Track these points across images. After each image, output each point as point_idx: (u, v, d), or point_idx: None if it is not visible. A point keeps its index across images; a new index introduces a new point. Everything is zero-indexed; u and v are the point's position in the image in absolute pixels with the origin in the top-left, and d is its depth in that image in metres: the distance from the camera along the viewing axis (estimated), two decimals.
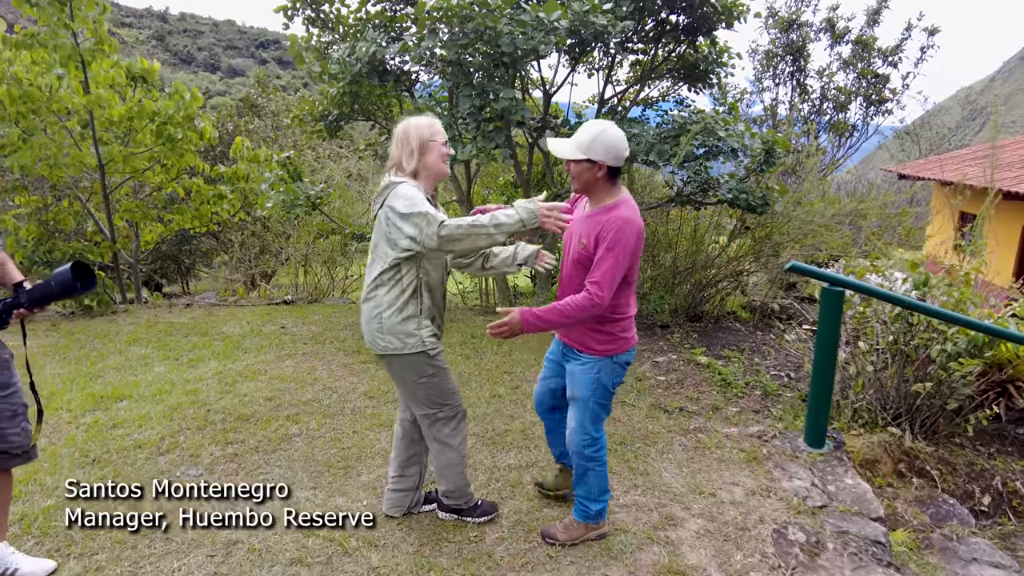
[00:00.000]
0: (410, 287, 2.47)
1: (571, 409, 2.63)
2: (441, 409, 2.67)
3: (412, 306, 2.48)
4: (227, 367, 5.11)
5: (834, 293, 3.19)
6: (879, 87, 11.11)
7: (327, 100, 6.18)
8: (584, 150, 2.35)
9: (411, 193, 2.37)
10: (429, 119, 2.52)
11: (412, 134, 2.47)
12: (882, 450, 3.60)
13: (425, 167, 2.48)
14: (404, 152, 2.47)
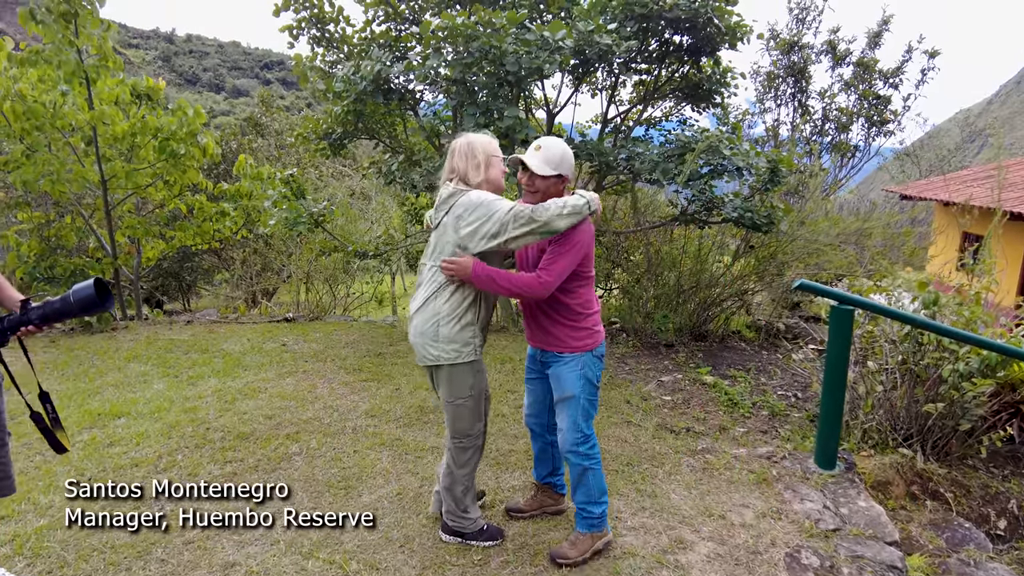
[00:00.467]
0: (470, 295, 2.54)
1: (561, 411, 2.69)
2: (463, 440, 2.71)
3: (471, 314, 2.55)
4: (227, 385, 5.05)
5: (844, 312, 3.15)
6: (881, 108, 11.17)
7: (331, 119, 6.19)
8: (555, 166, 2.54)
9: (487, 196, 2.45)
10: (489, 136, 2.60)
11: (478, 148, 2.53)
12: (894, 471, 3.52)
13: (488, 180, 2.54)
14: (470, 165, 2.52)
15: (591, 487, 2.71)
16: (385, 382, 5.07)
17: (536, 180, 2.57)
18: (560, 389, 2.69)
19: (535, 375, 2.89)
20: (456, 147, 2.57)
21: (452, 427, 2.68)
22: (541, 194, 2.58)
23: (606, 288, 7.64)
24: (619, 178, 6.64)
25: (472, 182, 2.52)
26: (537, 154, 2.56)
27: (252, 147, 12.79)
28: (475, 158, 2.52)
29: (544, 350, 2.74)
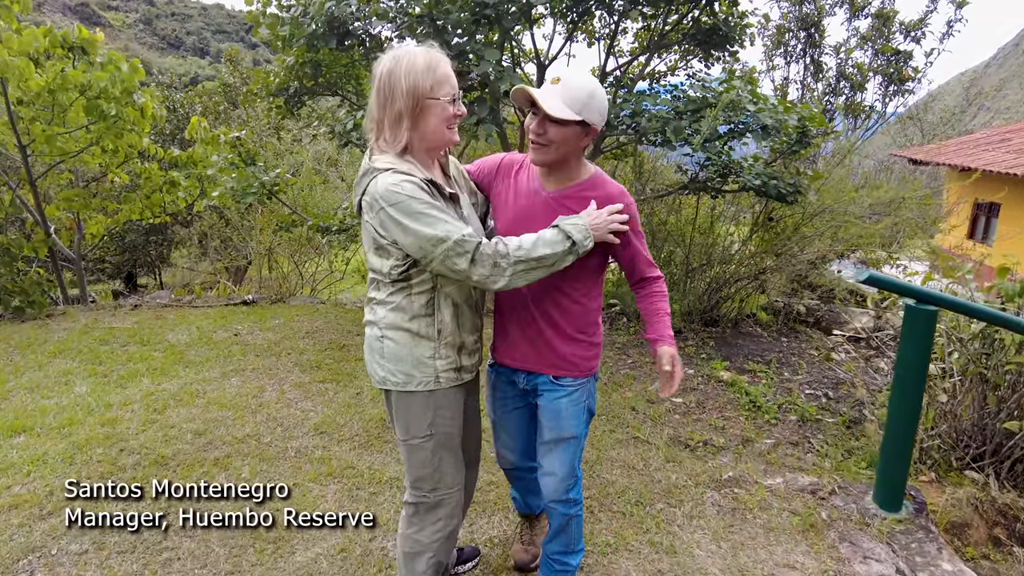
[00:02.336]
0: (421, 301, 1.75)
1: (552, 452, 2.02)
2: (426, 494, 1.91)
3: (427, 324, 1.77)
4: (160, 387, 4.28)
5: (923, 313, 2.38)
6: (900, 65, 10.25)
7: (285, 71, 5.30)
8: (579, 108, 1.74)
9: (401, 194, 1.60)
10: (427, 56, 1.66)
11: (400, 83, 1.63)
12: (971, 509, 2.81)
13: (422, 137, 1.69)
14: (387, 114, 1.66)
15: (573, 535, 2.15)
16: (345, 384, 4.30)
17: (549, 128, 1.76)
18: (557, 427, 1.99)
19: (518, 404, 2.12)
20: (373, 77, 1.69)
21: (409, 472, 1.91)
22: (556, 149, 1.78)
23: None
24: (619, 140, 5.80)
25: (391, 141, 1.67)
26: (554, 89, 1.75)
27: (219, 110, 11.81)
28: (393, 102, 1.64)
29: (536, 373, 1.99)
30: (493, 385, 2.14)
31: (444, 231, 1.59)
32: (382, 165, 1.65)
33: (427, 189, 1.63)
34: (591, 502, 2.82)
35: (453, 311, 1.78)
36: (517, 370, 2.02)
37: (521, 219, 1.87)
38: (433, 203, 1.62)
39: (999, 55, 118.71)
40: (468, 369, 1.86)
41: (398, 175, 1.62)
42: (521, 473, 2.31)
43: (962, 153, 14.96)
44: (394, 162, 1.66)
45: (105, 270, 12.88)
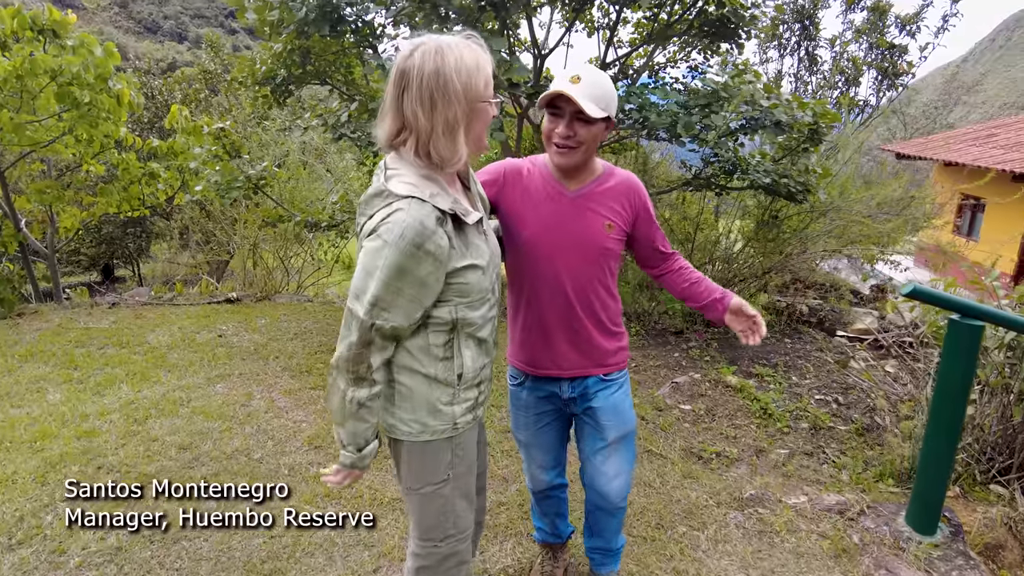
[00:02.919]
0: (438, 341, 1.50)
1: (616, 455, 1.96)
2: (436, 543, 1.68)
3: (444, 371, 1.52)
4: (141, 395, 4.03)
5: (969, 329, 2.23)
6: (895, 59, 10.16)
7: (272, 58, 5.02)
8: (605, 105, 1.69)
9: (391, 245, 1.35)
10: (473, 50, 1.38)
11: (453, 83, 1.33)
12: (1006, 530, 2.68)
13: (471, 145, 1.46)
14: (439, 121, 1.35)
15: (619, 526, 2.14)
16: None
17: (579, 129, 1.67)
18: (621, 422, 1.95)
19: (552, 418, 2.03)
20: (409, 72, 1.34)
21: (418, 524, 1.67)
22: (585, 150, 1.72)
23: None
24: (619, 134, 5.61)
25: (440, 153, 1.38)
26: (579, 89, 1.64)
27: (199, 98, 11.42)
28: (448, 108, 1.34)
29: (584, 377, 1.92)
30: (525, 404, 2.01)
31: (370, 298, 1.37)
32: (401, 189, 1.37)
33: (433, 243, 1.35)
34: None
35: (475, 351, 1.55)
36: (561, 379, 1.93)
37: (552, 226, 1.81)
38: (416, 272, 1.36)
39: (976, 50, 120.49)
40: (483, 403, 1.67)
41: (416, 211, 1.34)
42: (555, 492, 2.19)
43: (949, 148, 14.98)
44: (416, 183, 1.38)
45: (80, 262, 12.46)
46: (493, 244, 1.60)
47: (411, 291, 1.37)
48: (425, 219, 1.34)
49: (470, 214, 1.46)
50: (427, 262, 1.35)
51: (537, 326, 1.88)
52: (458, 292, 1.46)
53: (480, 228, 1.53)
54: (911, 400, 3.43)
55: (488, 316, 1.56)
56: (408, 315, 1.40)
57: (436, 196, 1.38)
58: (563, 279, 1.81)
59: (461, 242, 1.44)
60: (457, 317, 1.48)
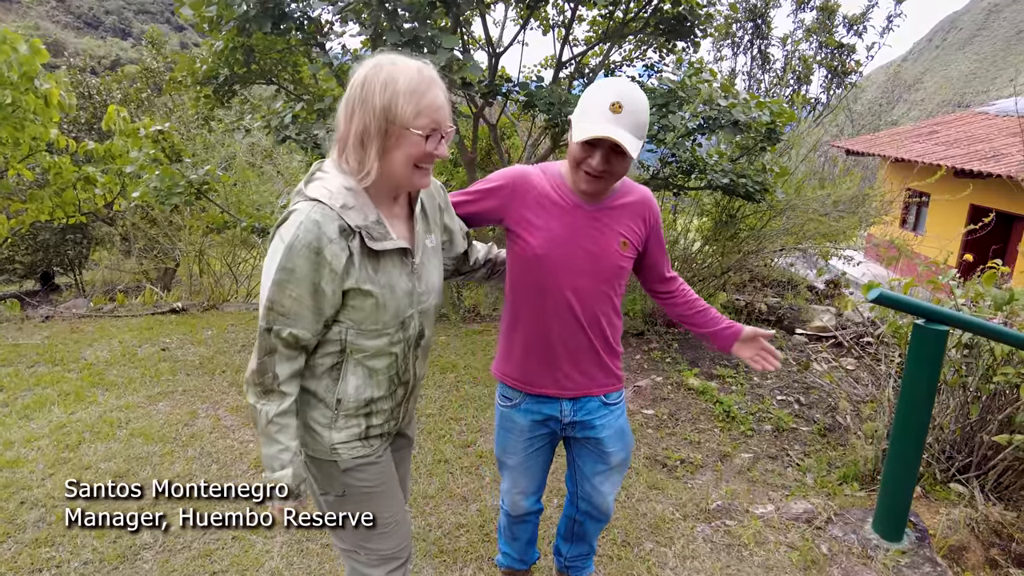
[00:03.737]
0: (327, 361, 1.41)
1: (612, 477, 1.94)
2: (358, 552, 1.56)
3: (324, 389, 1.42)
4: (74, 417, 3.76)
5: (933, 334, 2.19)
6: (843, 57, 10.37)
7: (213, 57, 4.77)
8: (643, 133, 1.58)
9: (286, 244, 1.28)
10: (418, 74, 1.30)
11: (373, 99, 1.27)
12: (969, 531, 2.67)
13: (386, 172, 1.33)
14: (352, 131, 1.30)
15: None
16: None
17: (615, 162, 1.57)
18: (624, 446, 1.91)
19: (543, 442, 1.91)
20: (351, 80, 1.33)
21: (336, 536, 1.59)
22: (616, 179, 1.65)
23: None
24: None
25: (353, 166, 1.33)
26: (621, 119, 1.51)
27: (141, 97, 10.93)
28: (360, 120, 1.29)
29: (587, 398, 1.83)
30: (520, 428, 1.87)
31: (266, 301, 1.30)
32: (312, 192, 1.30)
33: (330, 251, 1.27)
34: None
35: (363, 380, 1.42)
36: (561, 399, 1.82)
37: (565, 239, 1.69)
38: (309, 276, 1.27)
39: (915, 49, 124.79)
40: (379, 437, 1.50)
41: (316, 214, 1.26)
42: (532, 518, 2.09)
43: (895, 145, 15.45)
44: (333, 191, 1.30)
45: (16, 271, 11.78)
46: (427, 282, 1.47)
47: (308, 298, 1.29)
48: (324, 223, 1.26)
49: (385, 240, 1.34)
50: (324, 269, 1.27)
51: (539, 343, 1.76)
52: (350, 315, 1.36)
53: (405, 259, 1.40)
54: (873, 401, 3.43)
55: (387, 350, 1.42)
56: (308, 324, 1.32)
57: (349, 210, 1.30)
58: (572, 296, 1.71)
59: (368, 265, 1.33)
60: (346, 340, 1.38)
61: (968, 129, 15.01)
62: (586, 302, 1.72)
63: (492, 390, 4.13)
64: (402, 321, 1.41)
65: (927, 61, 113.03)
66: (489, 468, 3.13)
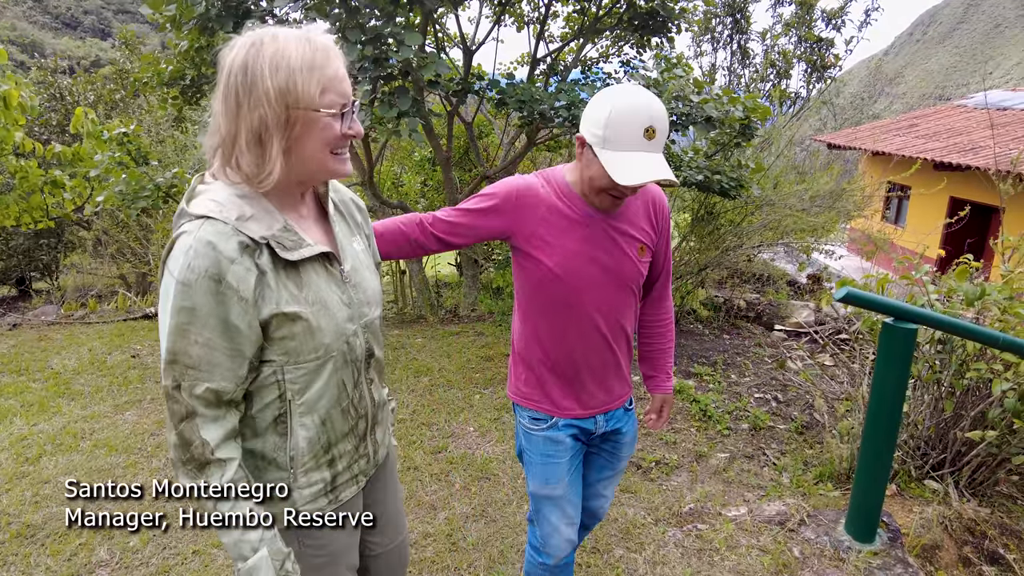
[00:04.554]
0: (268, 413, 1.15)
1: (618, 477, 1.91)
2: None
3: (272, 447, 1.17)
4: (36, 429, 3.67)
5: (902, 332, 2.16)
6: (822, 51, 10.37)
7: (179, 57, 4.67)
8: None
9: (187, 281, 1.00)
10: (308, 43, 1.05)
11: (265, 82, 1.02)
12: (941, 529, 2.65)
13: (296, 168, 1.09)
14: (243, 128, 1.04)
15: None
16: None
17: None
18: (631, 450, 1.87)
19: (580, 460, 1.76)
20: (220, 72, 1.06)
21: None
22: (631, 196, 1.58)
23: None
24: (553, 132, 5.47)
25: (243, 168, 1.06)
26: (654, 144, 1.41)
27: (114, 98, 10.74)
28: (253, 111, 1.03)
29: (614, 409, 1.75)
30: (565, 447, 1.69)
31: (167, 355, 1.03)
32: (197, 209, 1.04)
33: (234, 275, 1.02)
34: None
35: (318, 429, 1.18)
36: (595, 417, 1.71)
37: (584, 254, 1.55)
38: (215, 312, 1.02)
39: (896, 44, 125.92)
40: (349, 482, 1.28)
41: (208, 233, 1.01)
42: (572, 555, 1.85)
43: (875, 138, 15.54)
44: (222, 203, 1.05)
45: None
46: (364, 290, 1.25)
47: (219, 340, 1.03)
48: (219, 242, 1.01)
49: (301, 247, 1.11)
50: (231, 299, 1.02)
51: (561, 364, 1.64)
52: (280, 349, 1.10)
53: (331, 267, 1.18)
54: (848, 399, 3.41)
55: (334, 381, 1.18)
56: (227, 373, 1.05)
57: (248, 220, 1.05)
58: (596, 313, 1.59)
59: (288, 281, 1.10)
60: (284, 382, 1.12)
61: (947, 122, 15.13)
62: (611, 317, 1.61)
63: (467, 393, 4.07)
64: (346, 341, 1.18)
65: (908, 55, 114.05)
66: (459, 474, 3.07)
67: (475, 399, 3.98)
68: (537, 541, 1.78)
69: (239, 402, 1.12)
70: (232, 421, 1.10)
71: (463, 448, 3.34)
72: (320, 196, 1.24)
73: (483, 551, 2.49)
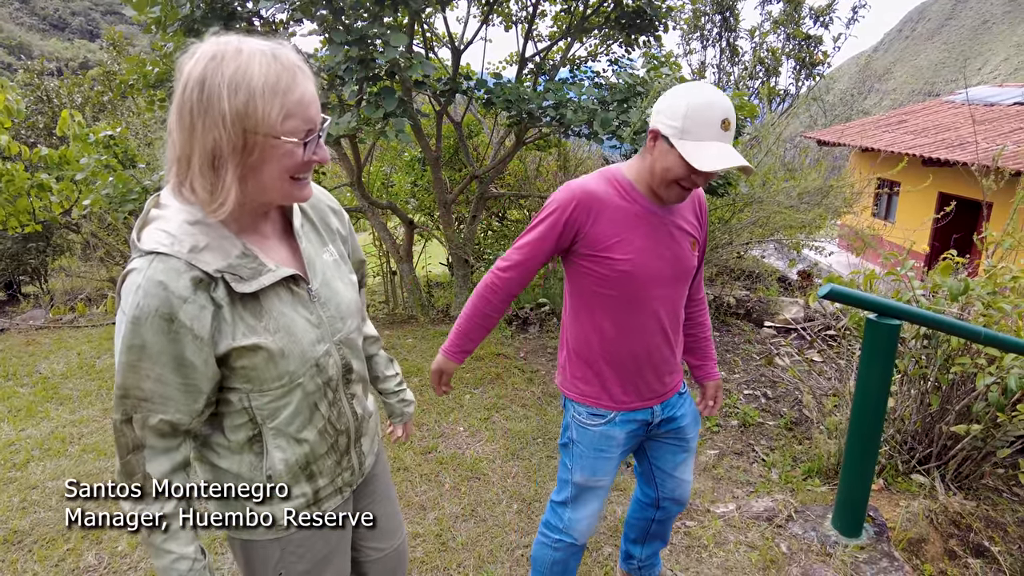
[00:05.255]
0: (239, 435, 1.14)
1: (692, 456, 1.95)
2: None
3: (248, 467, 1.17)
4: (24, 434, 3.65)
5: (886, 328, 2.18)
6: (811, 49, 10.44)
7: (165, 58, 4.65)
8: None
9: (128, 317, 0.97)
10: (272, 61, 0.98)
11: (221, 103, 0.95)
12: (928, 523, 2.67)
13: (252, 195, 1.04)
14: (197, 150, 0.97)
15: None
16: None
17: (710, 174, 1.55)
18: (697, 427, 1.92)
19: (627, 453, 1.87)
20: (177, 83, 0.99)
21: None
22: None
23: None
24: (542, 131, 5.48)
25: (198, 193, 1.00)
26: (730, 134, 1.51)
27: (102, 100, 10.69)
28: (207, 132, 0.96)
29: (670, 398, 1.81)
30: (617, 442, 1.75)
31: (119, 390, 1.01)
32: (146, 243, 0.99)
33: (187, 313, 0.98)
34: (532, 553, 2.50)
35: (293, 448, 1.17)
36: (652, 408, 1.78)
37: (649, 250, 1.62)
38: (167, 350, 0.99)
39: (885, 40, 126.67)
40: (333, 495, 1.27)
41: (157, 272, 0.97)
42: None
43: (865, 134, 15.62)
44: (174, 233, 0.99)
45: None
46: (336, 304, 1.20)
47: (172, 376, 1.00)
48: (170, 281, 0.96)
49: (260, 276, 1.06)
50: (185, 338, 0.99)
51: (622, 361, 1.69)
52: (241, 379, 1.08)
53: (298, 289, 1.13)
54: (835, 394, 3.43)
55: (307, 403, 1.15)
56: (182, 406, 1.03)
57: (202, 251, 1.00)
58: (659, 307, 1.66)
59: (246, 313, 1.05)
60: (251, 407, 1.11)
61: (936, 118, 15.21)
62: (670, 310, 1.69)
63: (457, 393, 4.08)
64: (315, 364, 1.14)
65: (897, 51, 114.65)
66: (449, 474, 3.07)
67: (465, 399, 3.98)
68: (562, 523, 1.85)
69: (194, 433, 1.11)
70: (183, 453, 1.09)
71: (453, 448, 3.35)
72: (284, 210, 1.18)
73: (472, 551, 2.50)
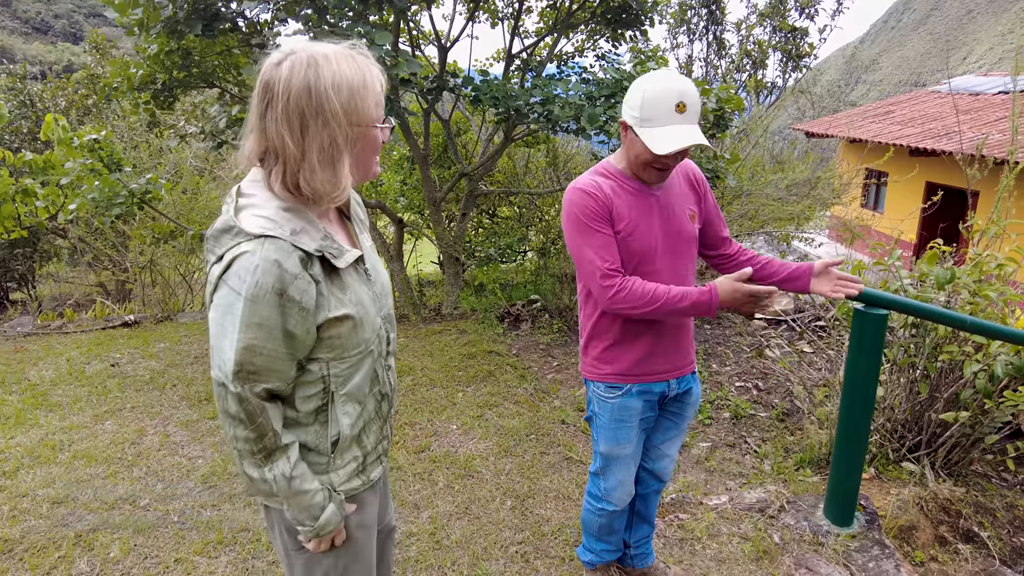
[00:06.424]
0: (308, 407, 1.25)
1: (677, 439, 2.09)
2: None
3: (315, 437, 1.27)
4: (13, 442, 3.62)
5: (874, 319, 2.19)
6: (797, 41, 10.47)
7: (149, 61, 4.61)
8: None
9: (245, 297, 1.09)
10: (360, 62, 1.14)
11: (331, 102, 1.08)
12: (918, 510, 2.70)
13: (355, 175, 1.22)
14: (315, 146, 1.10)
15: None
16: None
17: (683, 154, 1.67)
18: (693, 411, 2.06)
19: (649, 423, 2.00)
20: (273, 86, 1.09)
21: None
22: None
23: (521, 253, 6.56)
24: (530, 127, 5.48)
25: (313, 185, 1.13)
26: (687, 117, 1.62)
27: (86, 104, 10.58)
28: (323, 130, 1.09)
29: (687, 374, 1.97)
30: (635, 411, 1.90)
31: (233, 366, 1.12)
32: (253, 226, 1.11)
33: (296, 289, 1.11)
34: (525, 547, 2.51)
35: (358, 413, 1.30)
36: (669, 381, 1.91)
37: (650, 227, 1.76)
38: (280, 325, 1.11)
39: (871, 31, 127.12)
40: (376, 460, 1.40)
41: (272, 252, 1.09)
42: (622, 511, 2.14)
43: (852, 125, 15.69)
44: (273, 217, 1.12)
45: None
46: (381, 283, 1.35)
47: (282, 349, 1.14)
48: (283, 260, 1.09)
49: (344, 254, 1.21)
50: (294, 312, 1.11)
51: (641, 336, 1.82)
52: (328, 347, 1.21)
53: (360, 267, 1.28)
54: (826, 385, 3.46)
55: (370, 369, 1.29)
56: (284, 375, 1.17)
57: (300, 234, 1.13)
58: (668, 281, 1.75)
59: (335, 288, 1.20)
60: (328, 376, 1.23)
61: (922, 108, 15.30)
62: (676, 280, 1.77)
63: (450, 391, 4.08)
64: (377, 333, 1.30)
65: (883, 42, 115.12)
66: (442, 473, 3.08)
67: (458, 397, 3.98)
68: (600, 492, 2.03)
69: (285, 396, 1.23)
70: (283, 412, 1.22)
71: (446, 446, 3.35)
72: (342, 204, 1.30)
73: (467, 548, 2.50)
